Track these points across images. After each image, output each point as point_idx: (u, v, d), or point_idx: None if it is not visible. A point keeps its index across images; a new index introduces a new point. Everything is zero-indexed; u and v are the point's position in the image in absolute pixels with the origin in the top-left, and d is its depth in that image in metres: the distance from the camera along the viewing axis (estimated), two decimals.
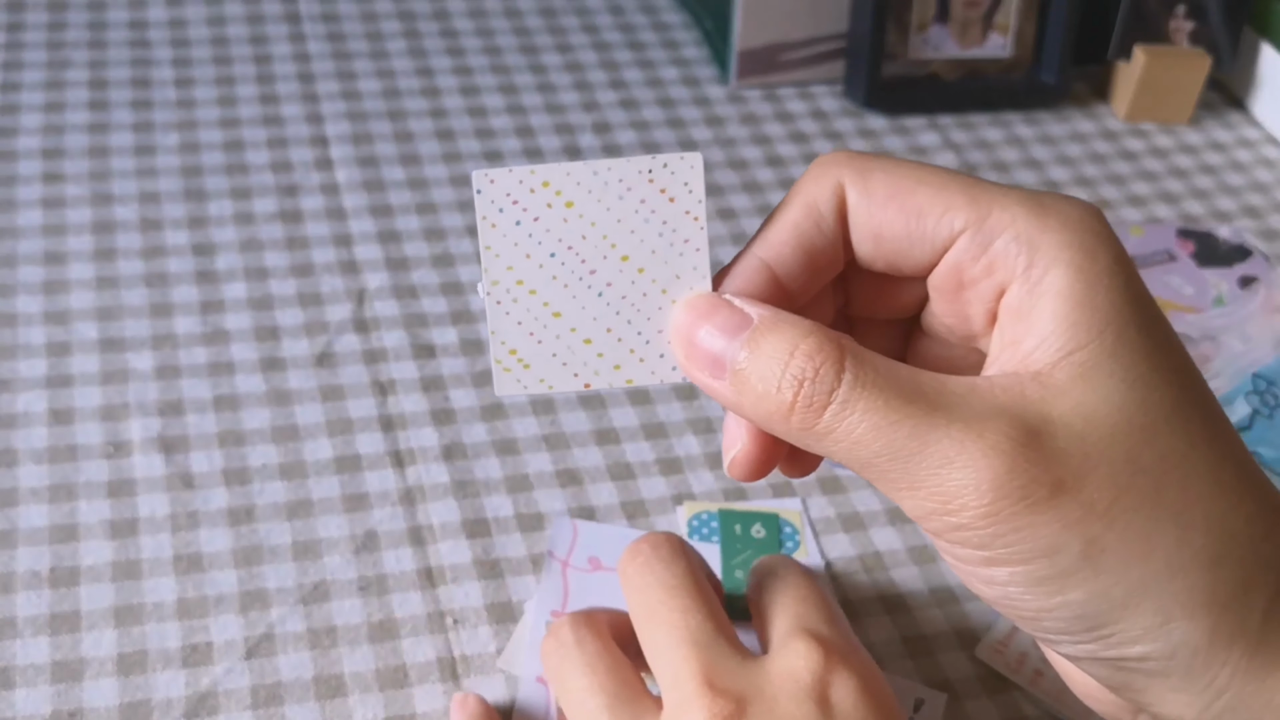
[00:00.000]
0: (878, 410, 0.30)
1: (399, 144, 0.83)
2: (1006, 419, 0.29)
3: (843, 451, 0.30)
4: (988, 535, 0.29)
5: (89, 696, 0.53)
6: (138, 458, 0.62)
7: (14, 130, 0.81)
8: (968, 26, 0.90)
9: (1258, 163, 0.90)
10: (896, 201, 0.33)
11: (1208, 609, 0.30)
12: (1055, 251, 0.31)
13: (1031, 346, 0.31)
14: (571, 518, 0.61)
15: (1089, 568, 0.29)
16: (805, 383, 0.30)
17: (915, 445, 0.30)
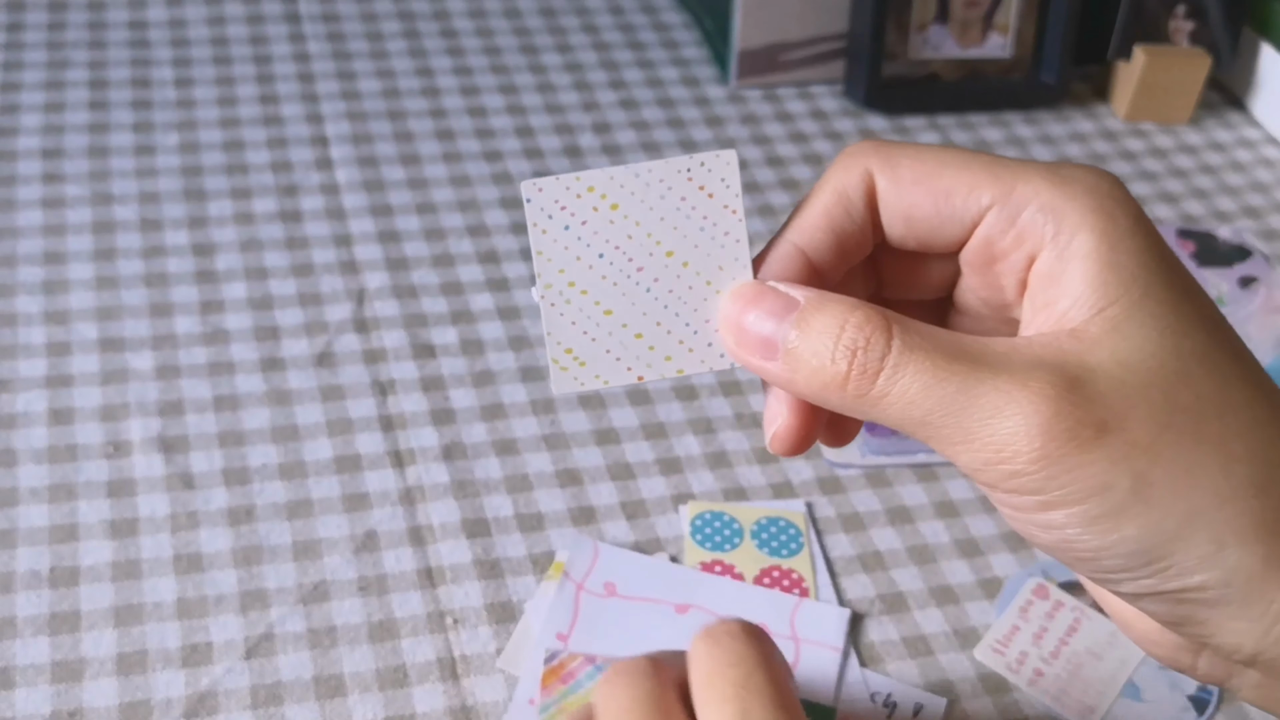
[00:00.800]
0: (927, 370, 0.32)
1: (399, 144, 0.83)
2: (1048, 369, 0.31)
3: (897, 413, 0.32)
4: (1041, 478, 0.31)
5: (89, 696, 0.53)
6: (138, 458, 0.62)
7: (14, 130, 0.81)
8: (968, 26, 0.90)
9: (1258, 163, 0.90)
10: (924, 184, 0.35)
11: (1259, 535, 0.31)
12: (1079, 217, 0.33)
13: (1065, 307, 0.33)
14: (594, 539, 0.60)
15: (1140, 502, 0.31)
16: (858, 352, 0.32)
17: (964, 400, 0.31)
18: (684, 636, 0.56)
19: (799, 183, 0.84)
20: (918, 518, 0.63)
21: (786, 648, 0.56)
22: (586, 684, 0.54)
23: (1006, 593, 0.60)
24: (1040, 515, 0.32)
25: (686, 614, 0.57)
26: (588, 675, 0.54)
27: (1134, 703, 0.56)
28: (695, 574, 0.59)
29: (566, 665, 0.54)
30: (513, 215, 0.78)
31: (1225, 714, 0.56)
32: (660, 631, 0.56)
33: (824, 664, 0.56)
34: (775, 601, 0.58)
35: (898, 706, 0.55)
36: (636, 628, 0.56)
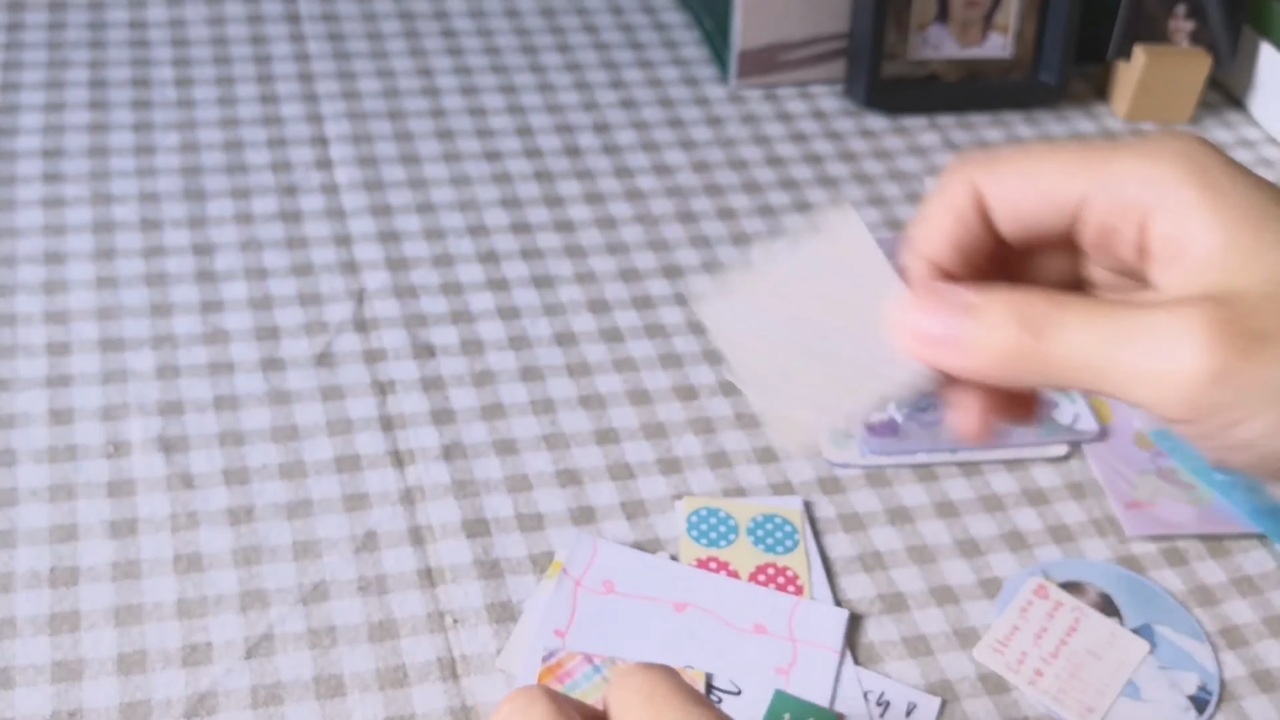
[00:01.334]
0: (1086, 319, 0.35)
1: (399, 144, 0.83)
2: (1198, 299, 0.34)
3: (1067, 361, 0.35)
4: (1218, 396, 0.33)
5: (89, 696, 0.53)
6: (138, 458, 0.62)
7: (14, 130, 0.81)
8: (968, 26, 0.90)
9: (1258, 163, 0.90)
10: (1025, 185, 0.39)
11: None
12: (1176, 178, 0.36)
13: (1198, 254, 0.36)
14: (592, 536, 0.61)
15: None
16: (1025, 318, 0.36)
17: (1126, 335, 0.34)
18: (682, 635, 0.56)
19: (799, 183, 0.84)
20: (918, 518, 0.63)
21: (784, 648, 0.56)
22: (584, 684, 0.54)
23: (1006, 592, 0.60)
24: (1232, 434, 0.33)
25: (685, 612, 0.57)
26: (585, 675, 0.54)
27: (1134, 703, 0.56)
28: (694, 572, 0.59)
29: (564, 664, 0.54)
30: (512, 215, 0.78)
31: (1225, 714, 0.56)
32: (658, 629, 0.56)
33: (822, 665, 0.56)
34: (774, 601, 0.58)
35: (891, 705, 0.55)
36: (634, 625, 0.56)
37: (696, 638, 0.56)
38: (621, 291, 0.74)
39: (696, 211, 0.80)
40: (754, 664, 0.55)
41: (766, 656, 0.56)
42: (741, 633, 0.57)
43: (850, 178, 0.85)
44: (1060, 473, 0.66)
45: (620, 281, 0.75)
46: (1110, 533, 0.63)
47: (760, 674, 0.55)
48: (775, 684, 0.55)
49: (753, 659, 0.56)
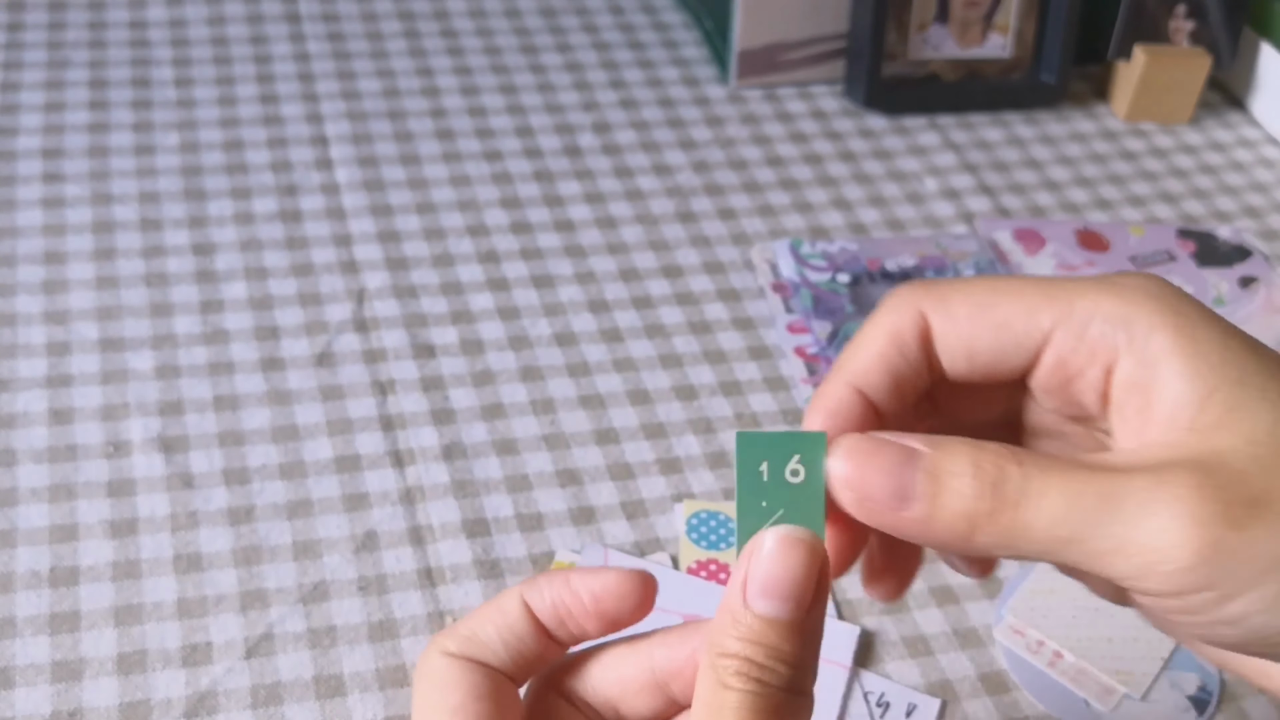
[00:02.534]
0: (1065, 487, 0.31)
1: (399, 144, 0.83)
2: (1180, 464, 0.31)
3: (1044, 534, 0.31)
4: (1208, 571, 0.30)
5: (89, 696, 0.53)
6: (138, 458, 0.62)
7: (14, 130, 0.81)
8: (968, 26, 0.90)
9: (1258, 163, 0.90)
10: (980, 318, 0.35)
11: None
12: (1149, 319, 0.33)
13: (1169, 407, 0.32)
14: (603, 546, 0.60)
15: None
16: (998, 484, 0.31)
17: (1109, 506, 0.31)
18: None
19: (799, 183, 0.84)
20: None
21: None
22: None
23: (1005, 592, 0.60)
24: (1219, 611, 0.30)
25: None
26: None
27: (1134, 702, 0.56)
28: (704, 584, 0.58)
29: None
30: (512, 215, 0.78)
31: (1225, 714, 0.57)
32: None
33: (831, 681, 0.55)
34: None
35: (891, 706, 0.55)
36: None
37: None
38: (621, 291, 0.74)
39: (696, 211, 0.80)
40: None
41: None
42: None
43: (850, 178, 0.85)
44: None
45: (620, 281, 0.75)
46: None
47: None
48: None
49: None
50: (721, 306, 0.74)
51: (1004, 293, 0.34)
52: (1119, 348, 0.33)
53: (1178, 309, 0.33)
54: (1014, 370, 0.35)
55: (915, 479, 0.32)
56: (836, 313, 0.73)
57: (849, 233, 0.80)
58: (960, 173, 0.86)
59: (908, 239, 0.79)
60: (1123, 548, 0.30)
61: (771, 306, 0.74)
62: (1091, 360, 0.34)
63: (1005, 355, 0.35)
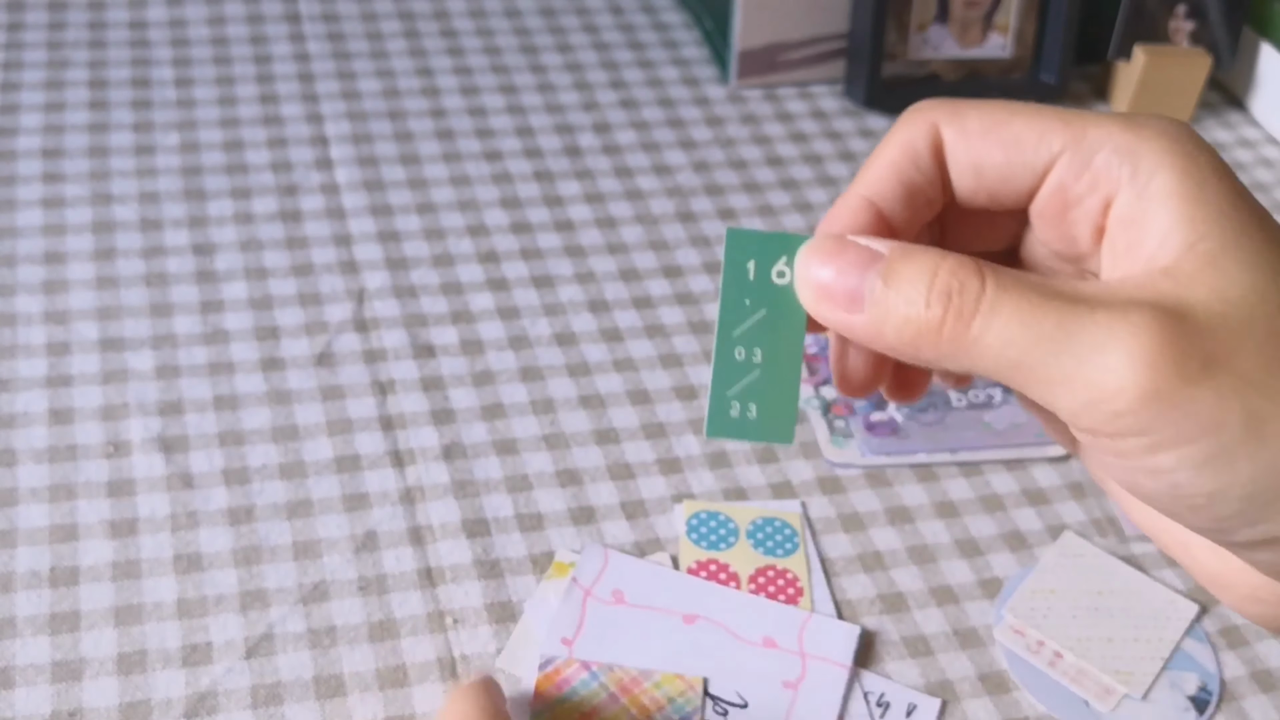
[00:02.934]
0: (1024, 309, 0.30)
1: (399, 144, 0.83)
2: (1148, 304, 0.30)
3: (992, 356, 0.31)
4: (1148, 417, 0.29)
5: (89, 696, 0.53)
6: (138, 458, 0.62)
7: (14, 130, 0.81)
8: (968, 26, 0.90)
9: (1258, 163, 0.90)
10: (993, 134, 0.34)
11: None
12: (1157, 157, 0.32)
13: (1153, 247, 0.32)
14: (603, 546, 0.60)
15: (1254, 439, 0.29)
16: (953, 294, 0.31)
17: (1063, 336, 0.30)
18: (691, 646, 0.56)
19: (799, 183, 0.84)
20: (918, 518, 0.63)
21: (793, 663, 0.56)
22: (581, 691, 0.54)
23: (1005, 592, 0.60)
24: (1148, 459, 0.30)
25: (694, 624, 0.57)
26: (582, 682, 0.54)
27: (1134, 702, 0.56)
28: (705, 585, 0.58)
29: (562, 671, 0.54)
30: (512, 215, 0.78)
31: (1225, 714, 0.57)
32: (666, 641, 0.56)
33: (831, 681, 0.55)
34: (784, 616, 0.58)
35: (891, 706, 0.55)
36: (642, 636, 0.56)
37: (704, 650, 0.56)
38: (621, 291, 0.74)
39: (696, 211, 0.80)
40: (762, 677, 0.55)
41: (775, 670, 0.55)
42: (750, 646, 0.56)
43: (850, 178, 0.85)
44: (1060, 473, 0.66)
45: (620, 281, 0.75)
46: (1110, 532, 0.63)
47: (768, 687, 0.55)
48: (783, 698, 0.55)
49: (760, 672, 0.55)
50: None
51: (1019, 113, 0.34)
52: (1121, 180, 0.32)
53: (1191, 154, 0.32)
54: (1019, 192, 0.34)
55: (871, 282, 0.32)
56: None
57: None
58: None
59: None
60: (1070, 380, 0.30)
61: None
62: (1093, 189, 0.33)
63: (1013, 174, 0.34)
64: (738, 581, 0.59)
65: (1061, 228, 0.34)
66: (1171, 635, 0.58)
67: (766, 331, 0.34)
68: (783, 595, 0.59)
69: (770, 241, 0.33)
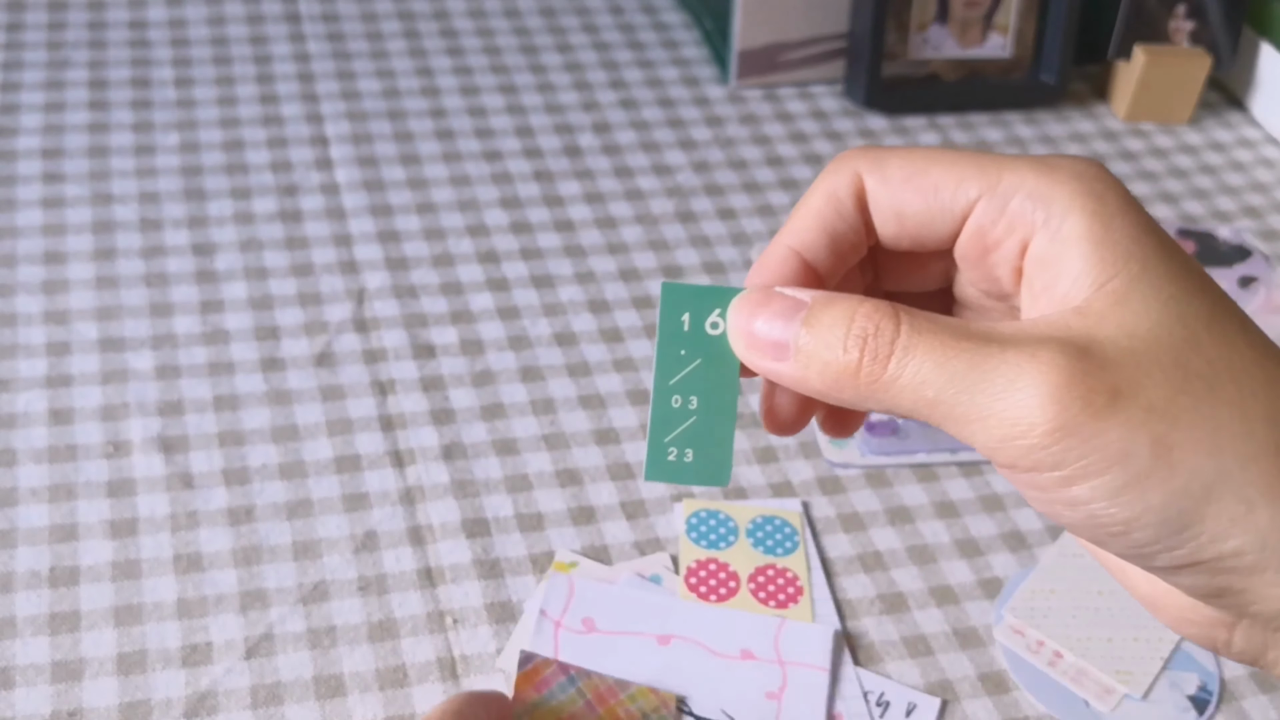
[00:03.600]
0: (936, 349, 0.32)
1: (399, 144, 0.83)
2: (1057, 342, 0.32)
3: (909, 395, 0.32)
4: (1059, 451, 0.31)
5: (89, 696, 0.53)
6: (138, 458, 0.62)
7: (14, 130, 0.81)
8: (968, 26, 0.90)
9: (1258, 163, 0.90)
10: (913, 182, 0.35)
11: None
12: (1068, 200, 0.33)
13: (1066, 287, 0.33)
14: (567, 574, 0.59)
15: (1163, 467, 0.31)
16: (868, 339, 0.32)
17: (975, 375, 0.31)
18: (668, 667, 0.55)
19: (799, 183, 0.84)
20: (918, 518, 0.63)
21: (773, 672, 0.56)
22: (559, 695, 0.53)
23: (1005, 592, 0.60)
24: (1063, 492, 0.31)
25: (669, 645, 0.56)
26: (560, 686, 0.53)
27: (1134, 703, 0.56)
28: (676, 602, 0.58)
29: (541, 672, 0.54)
30: (513, 215, 0.78)
31: (1225, 714, 0.57)
32: (644, 665, 0.55)
33: (813, 686, 0.55)
34: (758, 625, 0.57)
35: (891, 706, 0.55)
36: (619, 663, 0.55)
37: (682, 670, 0.55)
38: (621, 291, 0.74)
39: (696, 211, 0.80)
40: (744, 691, 0.55)
41: (756, 682, 0.55)
42: (729, 660, 0.56)
43: None
44: None
45: (620, 281, 0.75)
46: None
47: (751, 701, 0.54)
48: (768, 710, 0.54)
49: (742, 686, 0.55)
50: None
51: (938, 160, 0.35)
52: (1036, 224, 0.34)
53: (1100, 195, 0.33)
54: (941, 236, 0.36)
55: (795, 331, 0.33)
56: None
57: None
58: None
59: None
60: (984, 417, 0.31)
61: None
62: (1010, 232, 0.34)
63: (933, 220, 0.36)
64: (737, 581, 0.59)
65: (983, 269, 0.36)
66: (1171, 635, 0.58)
67: (701, 380, 0.35)
68: (782, 594, 0.59)
69: (704, 294, 0.35)
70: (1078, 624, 0.58)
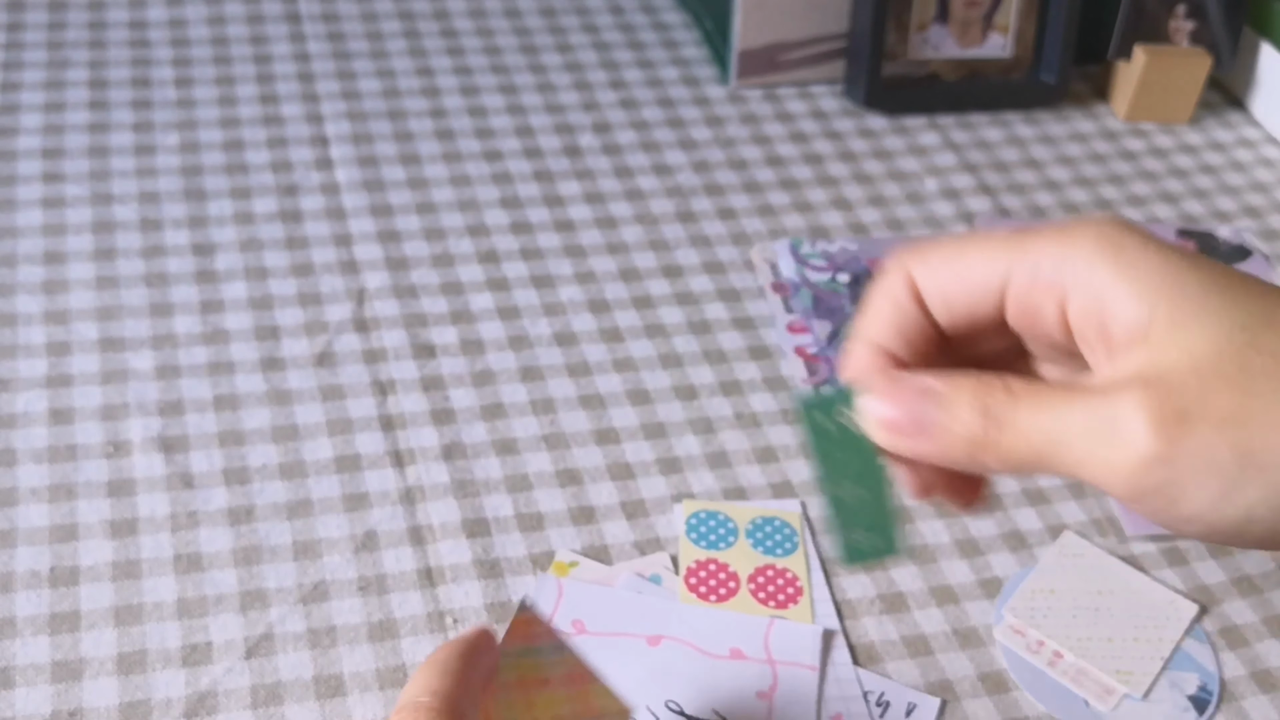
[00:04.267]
0: (1037, 411, 0.36)
1: (399, 144, 0.83)
2: (1129, 382, 0.35)
3: (1029, 452, 0.36)
4: (1160, 478, 0.34)
5: (89, 696, 0.53)
6: (138, 458, 0.62)
7: (14, 130, 0.81)
8: (968, 26, 0.90)
9: (1258, 163, 0.90)
10: (952, 268, 0.39)
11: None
12: (1089, 256, 0.37)
13: (1118, 332, 0.36)
14: (555, 576, 0.59)
15: (1251, 468, 0.33)
16: (989, 408, 0.37)
17: (1071, 427, 0.35)
18: (659, 668, 0.55)
19: (799, 183, 0.84)
20: (918, 518, 0.63)
21: (763, 672, 0.56)
22: (545, 656, 0.50)
23: (1005, 592, 0.60)
24: (1175, 513, 0.34)
25: (659, 646, 0.56)
26: (548, 648, 0.50)
27: (1134, 703, 0.56)
28: (665, 604, 0.58)
29: (533, 626, 0.52)
30: (512, 215, 0.78)
31: (1225, 714, 0.57)
32: (634, 666, 0.55)
33: (804, 685, 0.55)
34: (747, 625, 0.57)
35: (891, 705, 0.55)
36: (610, 664, 0.54)
37: (673, 670, 0.55)
38: (621, 291, 0.74)
39: (696, 211, 0.80)
40: (735, 691, 0.55)
41: (747, 682, 0.55)
42: (719, 660, 0.56)
43: (850, 178, 0.85)
44: None
45: (620, 281, 0.75)
46: (1110, 532, 0.63)
47: (743, 700, 0.54)
48: (759, 709, 0.54)
49: (733, 686, 0.55)
50: (721, 306, 0.74)
51: (970, 244, 0.39)
52: (1066, 286, 0.37)
53: (1117, 241, 0.37)
54: (988, 313, 0.40)
55: (929, 411, 0.37)
56: (836, 312, 0.73)
57: (849, 233, 0.80)
58: (960, 173, 0.86)
59: (908, 239, 0.79)
60: (1087, 461, 0.35)
61: (771, 306, 0.74)
62: (1046, 297, 0.38)
63: (976, 301, 0.39)
64: (737, 581, 0.59)
65: (1038, 334, 0.39)
66: (1171, 635, 0.58)
67: (855, 470, 0.40)
68: (782, 595, 0.59)
69: (834, 398, 0.40)
70: (1078, 624, 0.58)
